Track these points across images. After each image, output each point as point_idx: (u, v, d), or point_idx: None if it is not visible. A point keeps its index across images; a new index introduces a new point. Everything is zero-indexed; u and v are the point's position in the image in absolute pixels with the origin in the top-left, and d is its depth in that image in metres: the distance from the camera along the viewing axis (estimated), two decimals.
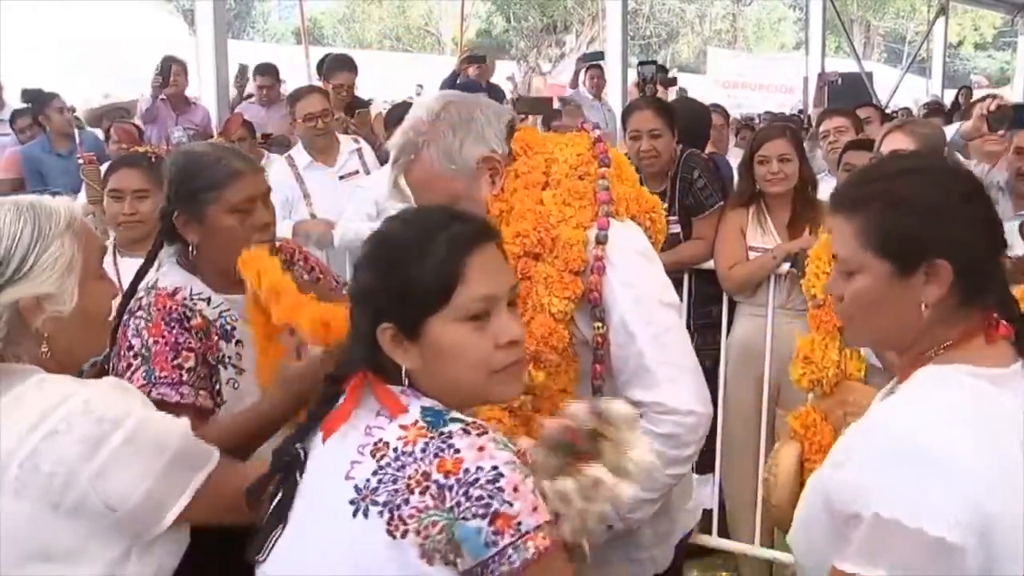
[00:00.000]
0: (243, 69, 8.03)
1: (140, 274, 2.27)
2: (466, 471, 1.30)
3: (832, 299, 1.59)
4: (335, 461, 1.41)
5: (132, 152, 4.74)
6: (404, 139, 1.99)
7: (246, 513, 1.56)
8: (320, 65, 6.64)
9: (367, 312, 1.47)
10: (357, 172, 5.03)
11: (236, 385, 2.17)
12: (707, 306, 4.04)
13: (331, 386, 1.51)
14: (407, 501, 1.31)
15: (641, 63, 8.01)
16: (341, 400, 1.48)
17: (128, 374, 2.06)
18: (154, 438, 1.59)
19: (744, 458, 3.89)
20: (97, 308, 1.70)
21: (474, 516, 1.29)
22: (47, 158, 6.41)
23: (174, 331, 2.10)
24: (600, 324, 1.96)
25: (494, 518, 1.29)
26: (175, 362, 2.07)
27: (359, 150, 5.14)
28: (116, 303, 1.98)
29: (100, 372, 2.13)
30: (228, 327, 2.18)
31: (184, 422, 1.68)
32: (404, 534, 1.30)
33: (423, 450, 1.33)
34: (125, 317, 2.13)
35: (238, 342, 2.19)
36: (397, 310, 1.44)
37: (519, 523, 1.30)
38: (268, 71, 7.55)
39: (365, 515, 1.33)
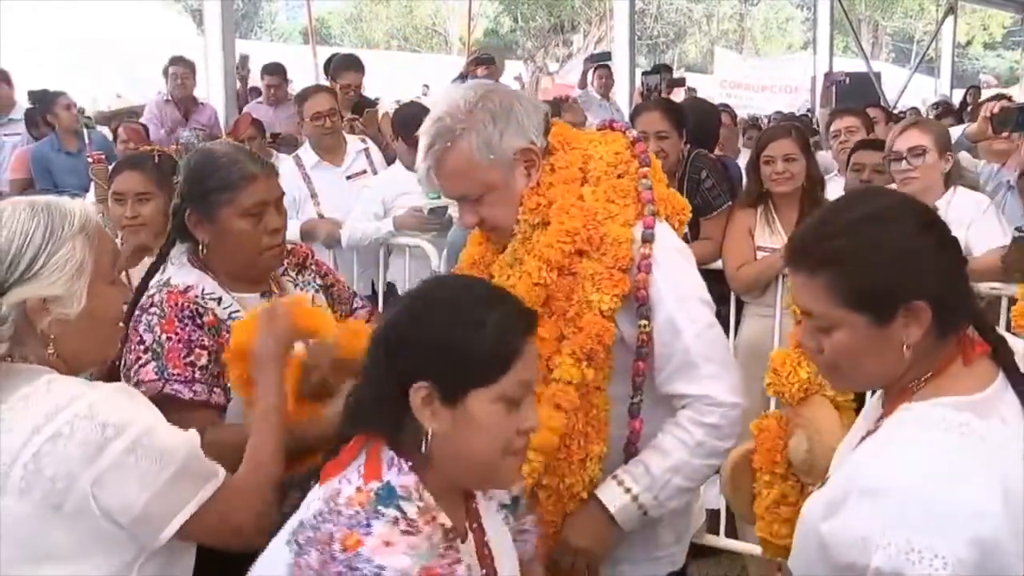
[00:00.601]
0: (244, 59, 8.04)
1: (151, 270, 2.28)
2: (357, 555, 1.31)
3: (810, 351, 1.57)
4: (309, 500, 1.45)
5: (138, 152, 4.74)
6: (439, 126, 1.94)
7: (247, 539, 1.57)
8: (327, 65, 6.66)
9: (398, 366, 1.44)
10: (364, 172, 5.04)
11: None
12: (715, 306, 4.03)
13: (343, 440, 1.52)
14: (308, 553, 1.34)
15: (645, 73, 7.97)
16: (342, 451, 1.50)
17: (136, 367, 2.05)
18: (158, 448, 1.56)
19: None
20: (106, 312, 1.67)
21: None
22: (56, 156, 6.42)
23: (187, 327, 2.09)
24: (646, 322, 1.96)
25: None
26: (188, 359, 2.07)
27: (366, 150, 5.15)
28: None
29: (111, 370, 2.13)
30: None
31: (192, 436, 1.66)
32: None
33: (350, 516, 1.35)
34: (136, 313, 2.12)
35: None
36: (444, 372, 1.42)
37: None
38: (276, 71, 7.57)
39: (291, 549, 1.37)
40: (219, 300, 2.17)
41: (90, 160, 4.26)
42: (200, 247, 2.23)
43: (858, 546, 1.35)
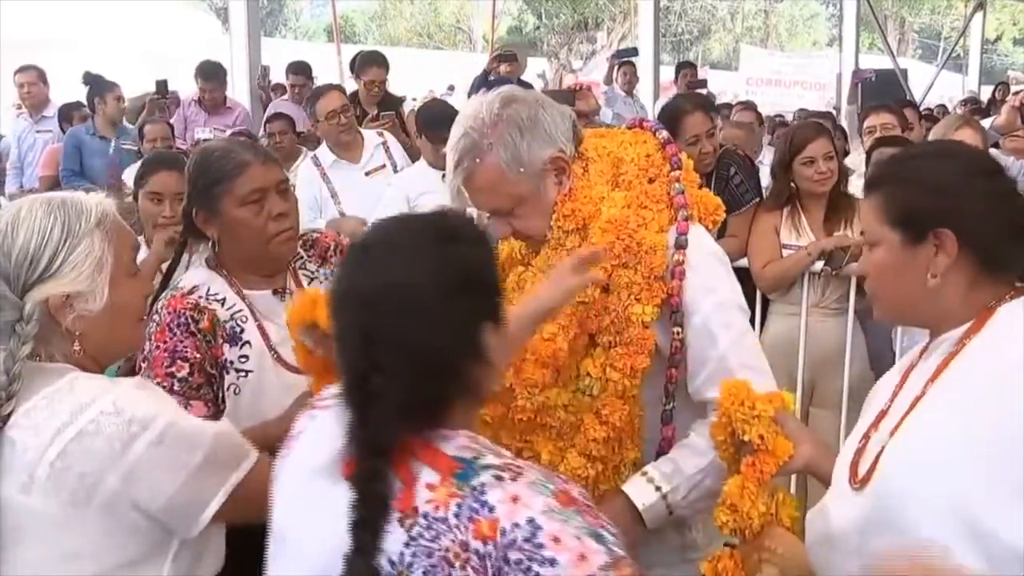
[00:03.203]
0: (265, 70, 8.13)
1: (169, 272, 2.29)
2: (503, 532, 1.18)
3: (864, 274, 1.67)
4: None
5: (169, 152, 4.82)
6: (466, 142, 1.90)
7: None
8: (353, 62, 6.68)
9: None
10: (384, 166, 5.00)
11: (238, 391, 2.14)
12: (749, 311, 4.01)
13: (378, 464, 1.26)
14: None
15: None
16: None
17: (146, 371, 2.08)
18: (185, 438, 1.56)
19: None
20: (128, 305, 1.67)
21: None
22: (89, 139, 6.48)
23: (175, 337, 2.09)
24: (680, 329, 1.94)
25: None
26: (168, 370, 2.07)
27: (384, 144, 5.11)
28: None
29: (134, 367, 2.13)
30: (237, 329, 2.16)
31: (222, 422, 1.66)
32: None
33: (456, 515, 1.20)
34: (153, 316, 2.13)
35: (245, 343, 2.16)
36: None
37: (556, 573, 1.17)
38: (301, 70, 7.59)
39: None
40: (222, 302, 2.16)
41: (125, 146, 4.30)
42: (212, 245, 2.23)
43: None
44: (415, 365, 1.25)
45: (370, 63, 6.32)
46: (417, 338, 1.25)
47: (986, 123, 4.61)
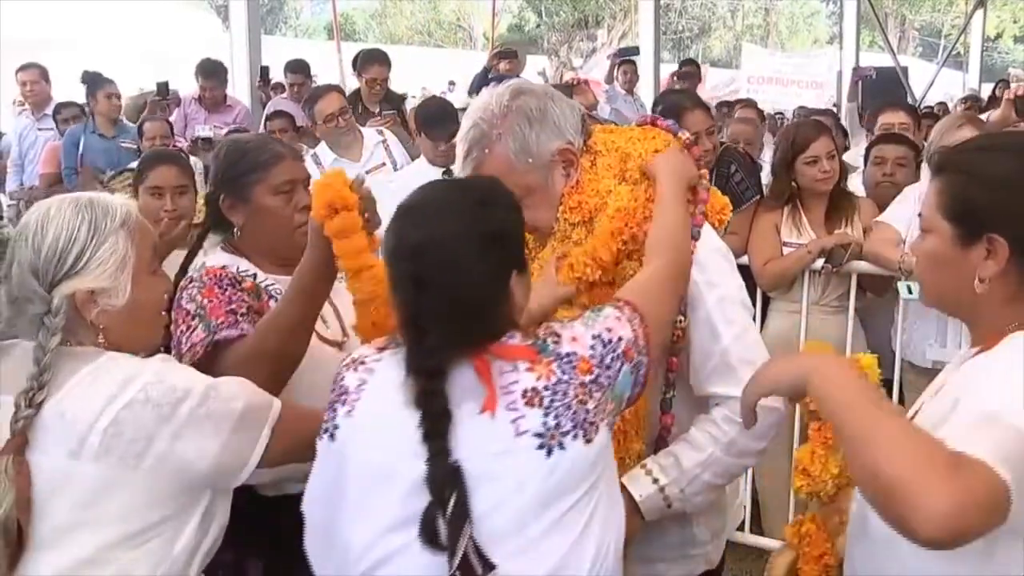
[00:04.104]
0: (264, 71, 8.17)
1: (190, 256, 2.40)
2: (591, 358, 1.54)
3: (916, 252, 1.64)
4: (492, 432, 1.48)
5: (166, 149, 4.86)
6: (476, 132, 1.92)
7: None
8: (355, 60, 6.69)
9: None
10: (384, 164, 5.01)
11: None
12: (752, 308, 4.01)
13: (431, 399, 1.48)
14: (587, 410, 1.50)
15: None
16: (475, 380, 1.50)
17: (187, 336, 2.11)
18: (224, 399, 1.69)
19: (777, 455, 3.84)
20: (149, 302, 1.78)
21: (618, 372, 1.57)
22: (88, 137, 6.45)
23: (227, 291, 2.17)
24: (682, 318, 1.95)
25: (624, 357, 1.58)
26: (229, 308, 2.14)
27: (384, 142, 5.12)
28: None
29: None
30: (276, 297, 2.22)
31: (245, 382, 1.79)
32: (597, 430, 1.51)
33: (563, 371, 1.51)
34: (177, 295, 2.18)
35: None
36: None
37: (628, 341, 1.59)
38: (299, 68, 7.59)
39: (561, 447, 1.48)
40: (254, 276, 2.24)
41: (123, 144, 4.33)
42: (235, 232, 2.32)
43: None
44: (456, 303, 1.49)
45: (372, 61, 6.32)
46: (458, 282, 1.49)
47: (983, 118, 4.60)
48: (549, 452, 1.46)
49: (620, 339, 1.58)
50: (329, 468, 1.58)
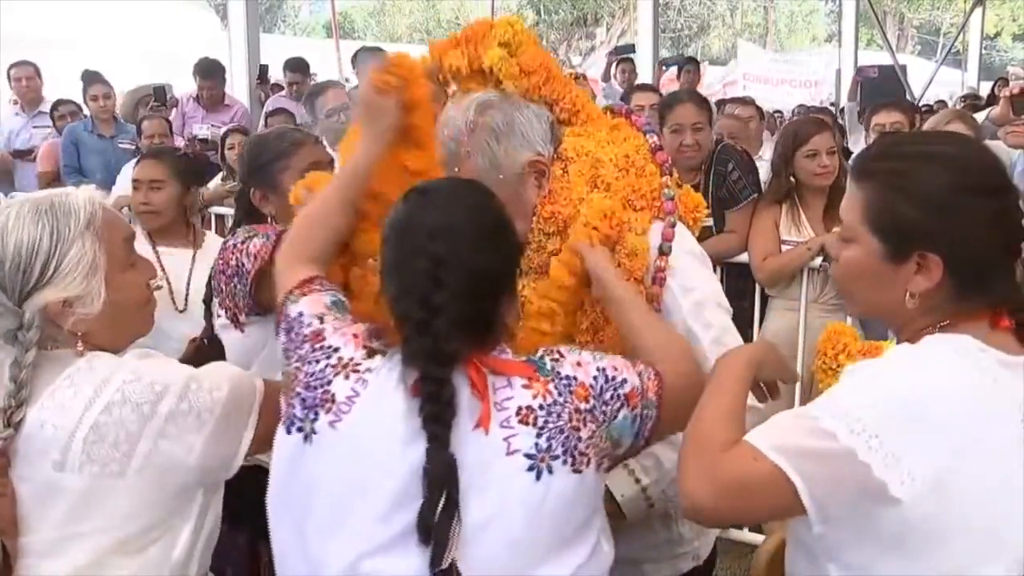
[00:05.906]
0: (263, 69, 8.16)
1: (235, 225, 2.46)
2: (590, 387, 1.52)
3: (833, 257, 1.62)
4: (484, 447, 1.45)
5: (162, 146, 4.90)
6: (446, 151, 1.92)
7: None
8: (354, 58, 6.70)
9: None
10: None
11: None
12: (739, 301, 4.00)
13: (438, 385, 1.46)
14: (580, 439, 1.47)
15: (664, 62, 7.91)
16: (467, 393, 1.48)
17: (247, 254, 2.14)
18: (207, 389, 1.62)
19: None
20: (129, 299, 1.70)
21: (616, 413, 1.53)
22: (87, 136, 6.48)
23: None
24: None
25: (627, 400, 1.54)
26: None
27: None
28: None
29: (198, 348, 2.16)
30: None
31: (227, 367, 1.75)
32: (586, 463, 1.48)
33: (560, 393, 1.49)
34: (222, 264, 2.20)
35: None
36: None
37: (633, 387, 1.56)
38: (298, 67, 7.60)
39: (550, 471, 1.45)
40: None
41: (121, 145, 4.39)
42: (269, 222, 2.35)
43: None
44: (472, 283, 1.50)
45: (371, 58, 6.32)
46: (477, 261, 1.51)
47: (982, 115, 4.61)
48: (538, 475, 1.44)
49: (625, 381, 1.55)
50: (304, 468, 1.51)
